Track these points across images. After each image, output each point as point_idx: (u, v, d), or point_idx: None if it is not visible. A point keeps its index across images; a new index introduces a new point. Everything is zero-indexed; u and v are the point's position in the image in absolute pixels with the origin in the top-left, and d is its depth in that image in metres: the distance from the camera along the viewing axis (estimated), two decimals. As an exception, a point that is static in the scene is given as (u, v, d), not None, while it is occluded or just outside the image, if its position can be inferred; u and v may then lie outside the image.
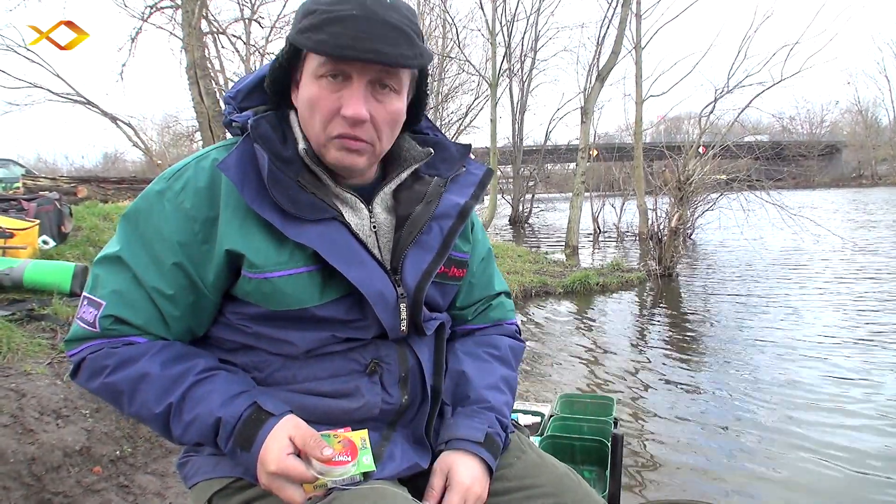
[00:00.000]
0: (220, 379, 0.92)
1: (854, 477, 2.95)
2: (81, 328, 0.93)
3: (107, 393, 0.93)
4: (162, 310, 0.92)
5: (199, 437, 0.89)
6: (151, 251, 0.91)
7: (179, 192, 0.92)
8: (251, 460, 0.87)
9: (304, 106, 0.93)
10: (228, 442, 0.88)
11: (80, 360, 0.94)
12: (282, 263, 0.90)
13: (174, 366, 0.91)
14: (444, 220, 1.02)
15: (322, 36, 0.85)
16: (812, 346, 5.23)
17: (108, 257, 0.94)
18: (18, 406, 2.26)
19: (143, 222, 0.93)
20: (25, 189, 9.04)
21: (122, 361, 0.90)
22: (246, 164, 0.91)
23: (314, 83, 0.90)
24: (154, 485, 2.32)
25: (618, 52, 13.40)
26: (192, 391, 0.89)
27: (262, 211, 0.89)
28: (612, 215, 16.95)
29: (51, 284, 3.40)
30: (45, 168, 34.27)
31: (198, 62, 9.84)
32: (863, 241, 12.19)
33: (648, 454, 3.29)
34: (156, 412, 0.89)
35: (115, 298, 0.91)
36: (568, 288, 8.37)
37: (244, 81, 1.03)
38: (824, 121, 55.28)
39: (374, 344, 0.99)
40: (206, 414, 0.88)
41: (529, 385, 4.51)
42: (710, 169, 9.94)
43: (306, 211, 0.91)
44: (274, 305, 0.92)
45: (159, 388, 0.89)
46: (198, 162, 0.95)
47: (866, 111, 52.90)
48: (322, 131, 0.92)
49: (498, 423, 1.05)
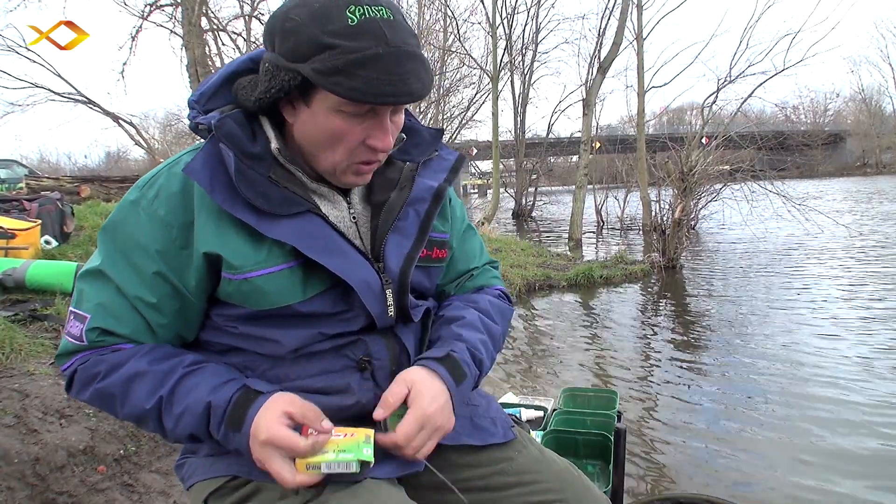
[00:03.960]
0: (209, 369, 0.92)
1: (861, 470, 2.94)
2: (70, 342, 0.93)
3: (100, 399, 0.92)
4: (147, 318, 0.92)
5: (191, 428, 0.88)
6: (131, 261, 0.91)
7: (153, 199, 0.91)
8: (243, 440, 0.85)
9: (321, 137, 0.90)
10: (220, 427, 0.87)
11: (72, 374, 0.94)
12: (259, 262, 0.89)
13: (163, 362, 0.91)
14: (419, 204, 1.02)
15: (355, 83, 0.81)
16: (818, 337, 5.22)
17: (90, 271, 0.93)
18: (22, 406, 2.26)
19: (120, 233, 0.92)
20: (29, 189, 9.07)
21: (112, 366, 0.90)
22: (214, 166, 0.89)
23: (334, 117, 0.87)
24: (158, 483, 2.33)
25: (619, 44, 13.36)
26: (182, 383, 0.89)
27: (235, 210, 0.87)
28: (615, 207, 16.91)
29: (53, 284, 3.41)
30: (48, 168, 34.37)
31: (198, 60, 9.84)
32: (867, 228, 12.14)
33: (652, 448, 3.28)
34: (147, 408, 0.88)
35: (100, 311, 0.91)
36: (571, 281, 8.36)
37: (207, 83, 0.99)
38: (828, 110, 55.02)
39: (363, 340, 0.98)
40: (196, 402, 0.87)
41: (532, 379, 4.51)
42: (714, 159, 9.91)
43: (279, 206, 0.90)
44: (257, 305, 0.91)
45: (149, 384, 0.89)
46: (170, 168, 0.94)
47: (870, 99, 52.61)
48: (344, 160, 0.91)
49: (468, 352, 1.02)
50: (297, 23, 0.83)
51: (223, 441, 0.88)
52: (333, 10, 0.82)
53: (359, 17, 0.82)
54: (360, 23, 0.81)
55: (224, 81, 0.99)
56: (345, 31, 0.81)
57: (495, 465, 1.03)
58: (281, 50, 0.85)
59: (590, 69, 16.46)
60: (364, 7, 0.82)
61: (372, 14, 0.82)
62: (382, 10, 0.83)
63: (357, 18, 0.82)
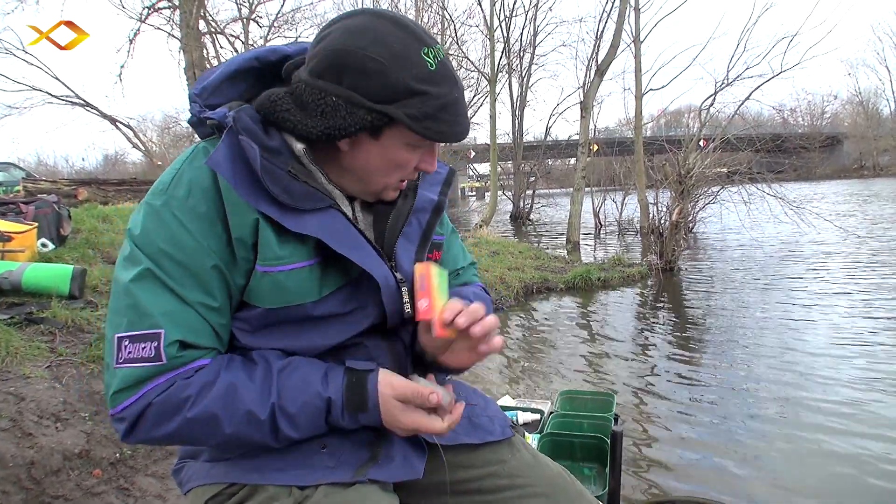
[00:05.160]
0: (301, 364, 0.92)
1: (858, 473, 2.94)
2: (137, 368, 0.83)
3: (194, 427, 0.85)
4: (212, 323, 0.89)
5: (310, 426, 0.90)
6: (184, 266, 0.86)
7: (186, 197, 0.87)
8: (373, 416, 0.91)
9: (386, 165, 0.93)
10: (343, 413, 0.90)
11: (142, 409, 0.83)
12: (282, 258, 0.89)
13: (254, 368, 0.90)
14: (421, 214, 1.05)
15: (440, 127, 0.88)
16: (816, 338, 5.23)
17: (137, 280, 0.85)
18: (17, 410, 2.25)
19: (161, 240, 0.86)
20: (26, 192, 9.06)
21: (203, 386, 0.85)
22: (235, 159, 0.88)
23: (404, 150, 0.92)
24: (154, 487, 2.32)
25: (616, 46, 13.37)
26: (285, 384, 0.88)
27: (259, 205, 0.87)
28: (613, 210, 16.91)
29: (49, 288, 3.39)
30: (45, 171, 34.36)
31: (196, 62, 9.85)
32: (864, 230, 12.16)
33: (649, 451, 3.28)
34: (262, 418, 0.86)
35: (171, 322, 0.84)
36: (569, 283, 8.36)
37: (209, 78, 0.97)
38: (825, 112, 55.17)
39: (364, 346, 0.98)
40: (313, 397, 0.89)
41: (529, 381, 4.51)
42: (711, 162, 9.92)
43: (302, 200, 0.90)
44: (271, 302, 0.90)
45: (256, 393, 0.86)
46: (190, 162, 0.91)
47: (867, 102, 52.78)
48: (395, 182, 0.97)
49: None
50: (381, 64, 0.85)
51: (350, 424, 0.92)
52: (412, 54, 0.86)
53: (433, 60, 0.87)
54: (438, 68, 0.88)
55: (226, 78, 0.97)
56: (429, 77, 0.87)
57: (489, 467, 1.03)
58: (362, 90, 0.86)
59: (587, 72, 16.51)
60: (432, 49, 0.88)
61: (440, 57, 0.89)
62: (440, 50, 0.90)
63: (434, 63, 0.87)
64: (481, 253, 9.54)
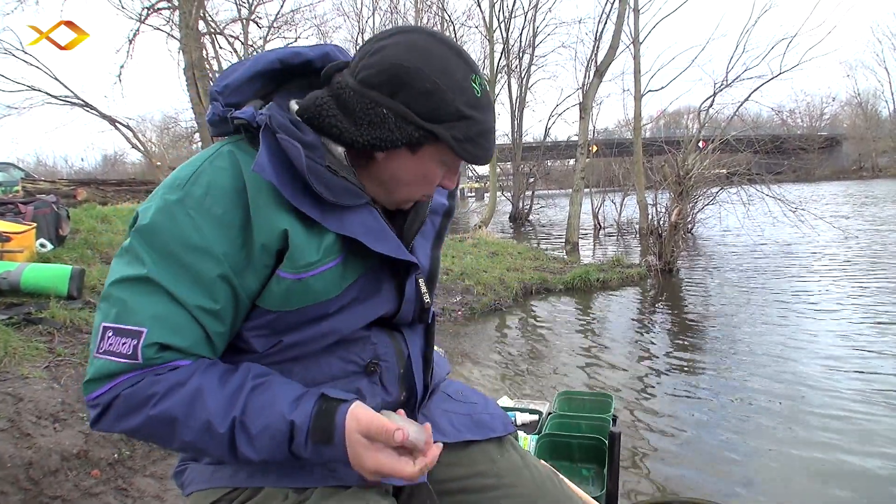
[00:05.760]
0: (278, 384, 0.87)
1: (858, 474, 2.94)
2: (113, 362, 0.82)
3: (155, 425, 0.83)
4: (208, 328, 0.86)
5: (269, 450, 0.83)
6: (187, 266, 0.84)
7: (203, 197, 0.85)
8: (339, 453, 0.83)
9: (416, 178, 0.96)
10: (307, 444, 0.83)
11: (110, 400, 0.83)
12: (314, 263, 0.88)
13: (230, 377, 0.86)
14: (434, 216, 1.10)
15: (477, 151, 0.93)
16: (815, 340, 5.23)
17: (131, 279, 0.84)
18: (16, 410, 2.25)
19: (168, 237, 0.84)
20: (25, 192, 9.05)
21: (172, 386, 0.82)
22: (278, 160, 0.86)
23: (437, 166, 0.95)
24: (153, 488, 2.32)
25: (616, 48, 13.39)
26: (253, 400, 0.83)
27: (303, 206, 0.87)
28: (612, 211, 16.92)
29: (48, 288, 3.40)
30: (44, 171, 34.29)
31: (196, 63, 9.85)
32: (862, 232, 12.17)
33: (647, 451, 3.28)
34: (221, 431, 0.81)
35: (157, 323, 0.83)
36: (568, 284, 8.36)
37: (233, 76, 0.96)
38: (824, 113, 55.19)
39: (371, 343, 0.98)
40: (279, 419, 0.82)
41: (528, 382, 4.50)
42: (710, 163, 9.92)
43: (343, 196, 0.90)
44: (291, 306, 0.89)
45: (220, 404, 0.82)
46: (212, 161, 0.89)
47: (866, 103, 52.80)
48: (419, 194, 0.99)
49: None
50: (438, 87, 0.88)
51: (312, 458, 0.84)
52: (466, 81, 0.90)
53: (479, 88, 0.92)
54: (483, 96, 0.92)
55: (248, 78, 0.96)
56: (476, 104, 0.91)
57: (476, 466, 1.04)
58: (415, 107, 0.88)
59: (587, 73, 16.49)
60: (479, 77, 0.93)
61: (484, 85, 0.94)
62: (483, 78, 0.95)
63: (480, 91, 0.92)
64: (480, 253, 9.54)
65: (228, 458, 0.84)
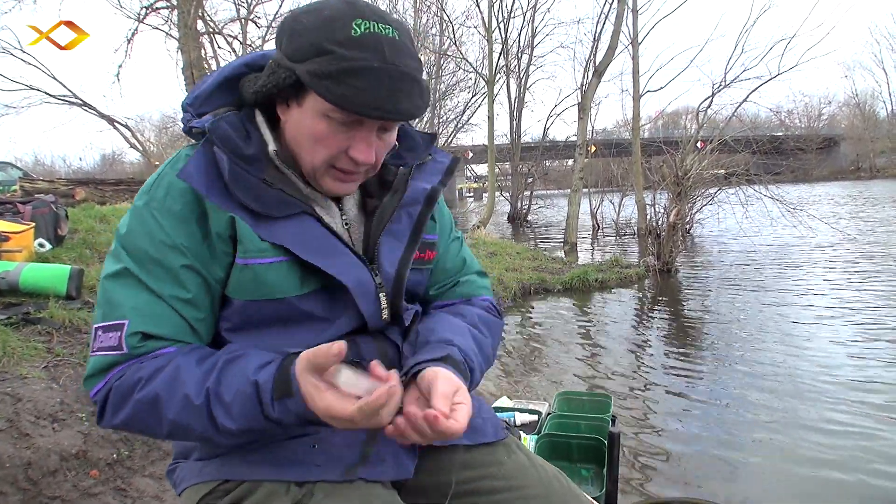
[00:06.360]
0: (252, 353, 0.87)
1: (853, 479, 2.94)
2: (103, 356, 0.87)
3: (142, 409, 0.85)
4: (186, 316, 0.90)
5: (245, 417, 0.82)
6: (158, 261, 0.89)
7: (164, 198, 0.91)
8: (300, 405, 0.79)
9: (305, 137, 0.91)
10: (273, 402, 0.81)
11: (105, 394, 0.87)
12: (262, 251, 0.90)
13: (208, 358, 0.88)
14: (412, 206, 1.02)
15: (343, 90, 0.83)
16: (814, 340, 5.24)
17: (113, 278, 0.90)
18: (14, 410, 2.25)
19: (139, 238, 0.90)
20: (23, 192, 9.04)
21: (155, 369, 0.86)
22: (208, 168, 0.91)
23: (320, 120, 0.88)
24: (152, 488, 2.32)
25: (614, 48, 13.42)
26: (227, 370, 0.85)
27: (233, 211, 0.90)
28: (610, 211, 16.94)
29: (47, 288, 3.39)
30: (42, 171, 34.28)
31: (194, 62, 9.84)
32: (859, 232, 12.19)
33: (646, 452, 3.29)
34: (197, 403, 0.83)
35: (137, 314, 0.87)
36: (567, 285, 8.37)
37: (202, 87, 1.00)
38: (822, 114, 55.29)
39: (354, 341, 0.97)
40: (246, 382, 0.82)
41: (527, 382, 4.51)
42: (709, 163, 9.94)
43: (274, 208, 0.91)
44: (254, 295, 0.91)
45: (197, 379, 0.84)
46: (172, 165, 0.94)
47: (864, 104, 52.89)
48: (322, 163, 0.92)
49: (461, 355, 0.96)
50: (304, 26, 0.86)
51: (283, 417, 0.81)
52: (340, 19, 0.84)
53: (363, 30, 0.84)
54: (363, 35, 0.83)
55: (218, 86, 1.00)
56: (345, 41, 0.83)
57: (485, 469, 1.03)
58: (286, 50, 0.88)
59: (585, 73, 16.50)
60: (371, 22, 0.84)
61: (377, 30, 0.84)
62: (389, 29, 0.85)
63: (360, 31, 0.83)
64: (479, 254, 9.54)
65: (212, 432, 0.84)
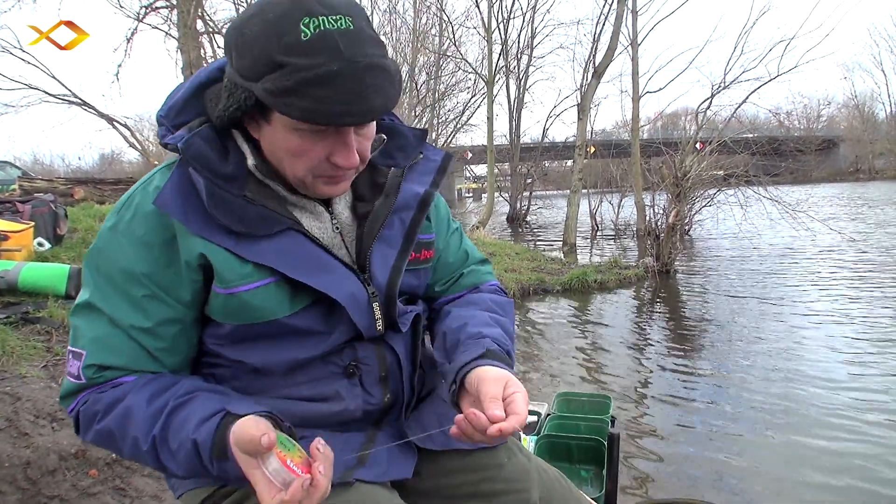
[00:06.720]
0: (198, 401, 0.84)
1: (852, 479, 2.94)
2: (70, 382, 0.89)
3: (102, 440, 0.87)
4: (145, 346, 0.87)
5: (188, 466, 0.81)
6: (119, 289, 0.87)
7: (130, 221, 0.87)
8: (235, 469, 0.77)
9: (282, 153, 0.86)
10: (212, 462, 0.79)
11: (76, 415, 0.89)
12: (246, 276, 0.86)
13: (158, 397, 0.85)
14: (404, 212, 0.99)
15: (306, 104, 0.76)
16: (813, 340, 5.25)
17: (81, 306, 0.89)
18: (13, 410, 2.25)
19: (103, 262, 0.88)
20: (22, 191, 9.02)
21: (109, 404, 0.85)
22: (185, 191, 0.86)
23: (292, 134, 0.83)
24: (150, 487, 2.31)
25: (614, 49, 13.41)
26: (172, 418, 0.82)
27: (213, 237, 0.85)
28: (609, 212, 16.93)
29: (46, 287, 3.39)
30: (41, 170, 34.19)
31: (194, 62, 9.82)
32: (858, 234, 12.20)
33: (646, 453, 3.29)
34: (144, 449, 0.82)
35: (94, 346, 0.86)
36: (566, 286, 8.37)
37: (175, 96, 0.94)
38: (821, 115, 55.32)
39: (352, 346, 0.96)
40: (185, 439, 0.80)
41: (526, 383, 4.50)
42: (708, 165, 9.94)
43: (257, 226, 0.87)
44: (244, 320, 0.89)
45: (144, 423, 0.82)
46: (144, 187, 0.90)
47: (863, 105, 52.91)
48: (308, 175, 0.87)
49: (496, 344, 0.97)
50: (250, 37, 0.79)
51: (221, 475, 0.81)
52: (287, 23, 0.76)
53: (312, 30, 0.76)
54: (314, 37, 0.76)
55: (192, 93, 0.93)
56: (297, 47, 0.76)
57: (486, 471, 1.01)
58: (237, 66, 0.82)
59: (585, 74, 16.51)
60: (319, 18, 0.76)
61: (327, 25, 0.76)
62: (341, 20, 0.77)
63: (310, 32, 0.76)
64: (478, 254, 9.53)
65: (163, 472, 0.87)
